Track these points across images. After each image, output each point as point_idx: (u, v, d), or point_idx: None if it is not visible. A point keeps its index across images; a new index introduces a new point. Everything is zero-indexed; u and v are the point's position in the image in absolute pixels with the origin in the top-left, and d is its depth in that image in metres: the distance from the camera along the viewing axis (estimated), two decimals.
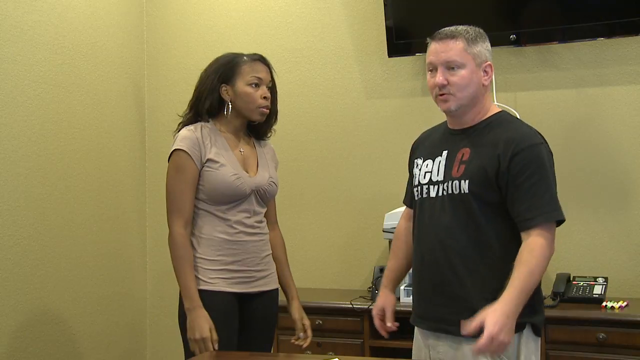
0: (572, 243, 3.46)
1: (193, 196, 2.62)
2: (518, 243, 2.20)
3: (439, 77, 2.26)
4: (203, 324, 2.54)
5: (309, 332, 2.80)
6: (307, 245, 3.93)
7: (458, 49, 2.25)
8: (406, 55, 3.68)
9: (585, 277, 3.30)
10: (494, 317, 2.06)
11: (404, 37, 3.61)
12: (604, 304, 3.11)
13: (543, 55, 3.52)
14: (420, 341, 2.39)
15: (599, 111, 3.45)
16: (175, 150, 2.62)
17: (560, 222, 2.23)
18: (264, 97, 2.66)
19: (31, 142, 3.43)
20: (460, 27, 2.29)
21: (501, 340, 2.05)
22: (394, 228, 2.66)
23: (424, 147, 2.44)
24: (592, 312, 3.04)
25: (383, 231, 3.39)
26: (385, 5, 3.63)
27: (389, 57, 3.67)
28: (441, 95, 2.28)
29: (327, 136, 3.92)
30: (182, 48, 4.16)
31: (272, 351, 2.93)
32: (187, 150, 2.60)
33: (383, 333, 2.50)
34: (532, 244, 2.14)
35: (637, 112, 3.39)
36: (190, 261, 2.59)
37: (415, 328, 2.42)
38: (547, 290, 3.31)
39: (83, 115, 3.75)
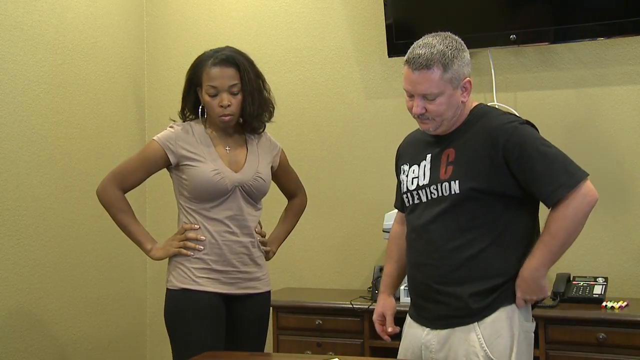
0: (572, 243, 3.45)
1: (142, 179, 2.71)
2: (514, 236, 2.27)
3: (416, 108, 2.25)
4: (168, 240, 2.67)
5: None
6: (307, 245, 3.92)
7: (434, 80, 2.20)
8: None
9: (585, 277, 3.29)
10: (520, 286, 2.23)
11: (404, 37, 3.60)
12: (604, 304, 3.11)
13: (543, 55, 3.52)
14: (411, 337, 2.38)
15: (599, 111, 3.44)
16: (152, 139, 2.70)
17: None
18: (221, 105, 2.61)
19: (31, 142, 3.43)
20: (435, 49, 2.20)
21: (532, 299, 2.26)
22: None
23: (408, 153, 2.45)
24: (592, 312, 3.04)
25: (383, 231, 3.38)
26: (385, 5, 3.62)
27: (389, 57, 3.67)
28: (420, 119, 2.30)
29: (327, 136, 3.92)
30: (182, 48, 4.16)
31: (270, 351, 2.93)
32: (159, 142, 2.65)
33: (385, 338, 2.51)
34: (556, 213, 2.24)
35: (637, 112, 3.38)
36: (133, 214, 2.72)
37: (405, 328, 2.43)
38: None
39: (83, 115, 3.75)
